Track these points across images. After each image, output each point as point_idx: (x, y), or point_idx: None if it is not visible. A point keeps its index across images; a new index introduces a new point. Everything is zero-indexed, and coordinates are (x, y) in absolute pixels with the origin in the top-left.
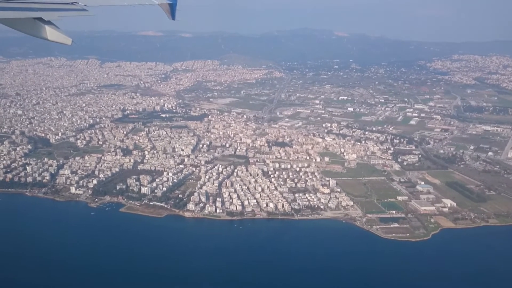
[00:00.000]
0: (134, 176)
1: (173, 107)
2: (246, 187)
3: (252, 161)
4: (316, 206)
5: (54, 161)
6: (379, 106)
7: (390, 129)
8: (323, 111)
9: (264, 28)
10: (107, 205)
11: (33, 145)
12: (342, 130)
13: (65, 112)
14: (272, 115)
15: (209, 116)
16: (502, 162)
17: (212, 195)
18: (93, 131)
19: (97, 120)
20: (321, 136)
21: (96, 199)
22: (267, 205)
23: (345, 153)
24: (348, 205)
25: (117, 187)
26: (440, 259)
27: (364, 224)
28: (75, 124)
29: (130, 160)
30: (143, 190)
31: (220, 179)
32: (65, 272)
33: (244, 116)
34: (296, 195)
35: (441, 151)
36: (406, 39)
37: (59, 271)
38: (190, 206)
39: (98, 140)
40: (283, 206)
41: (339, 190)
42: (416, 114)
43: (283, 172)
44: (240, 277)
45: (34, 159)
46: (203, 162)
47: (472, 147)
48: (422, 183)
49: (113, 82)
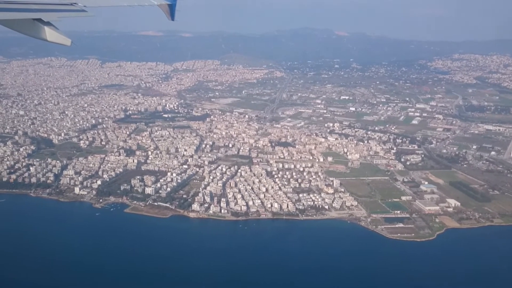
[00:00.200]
0: (138, 177)
1: (175, 107)
2: (250, 187)
3: (256, 161)
4: (321, 206)
5: (58, 162)
6: (381, 106)
7: (392, 129)
8: (325, 111)
9: (264, 28)
10: (112, 206)
11: (36, 146)
12: (345, 130)
13: (67, 113)
14: (274, 115)
15: (211, 116)
16: (505, 162)
17: (217, 196)
18: (96, 132)
19: (100, 121)
20: (324, 136)
21: (101, 200)
22: (272, 206)
23: (348, 153)
24: (353, 205)
25: (121, 188)
26: (447, 259)
27: (369, 224)
28: (78, 125)
29: (134, 161)
30: (148, 191)
31: (224, 180)
32: (72, 273)
33: (246, 116)
34: (301, 195)
35: (444, 151)
36: (406, 39)
37: (66, 272)
38: (195, 207)
39: (101, 141)
40: (288, 207)
41: (343, 190)
42: (418, 114)
43: (287, 172)
44: (247, 278)
45: (38, 160)
46: (207, 163)
47: (475, 147)
48: (426, 183)
49: (114, 82)
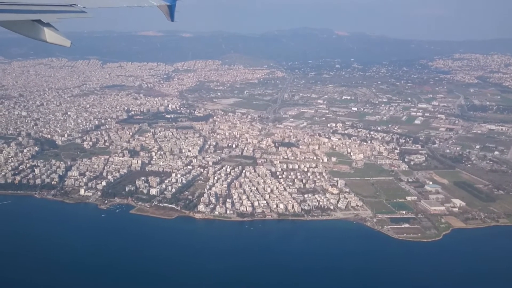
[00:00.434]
0: (143, 178)
1: (177, 108)
2: (255, 188)
3: (260, 162)
4: (326, 207)
5: (62, 163)
6: (383, 106)
7: (395, 129)
8: (327, 111)
9: (264, 28)
10: (117, 207)
11: (40, 147)
12: (347, 130)
13: (70, 113)
14: (277, 115)
15: (214, 117)
16: (509, 161)
17: (222, 196)
18: (99, 133)
19: (102, 121)
20: (327, 136)
21: (106, 201)
22: (277, 206)
23: (352, 153)
24: (358, 206)
25: (126, 189)
26: (454, 260)
27: (375, 225)
28: (81, 126)
29: (138, 162)
30: (153, 192)
31: (229, 180)
32: (80, 274)
33: (249, 117)
34: (306, 196)
35: (447, 151)
36: (406, 38)
37: (74, 273)
38: (200, 208)
39: (105, 142)
40: (293, 207)
41: (348, 191)
42: (420, 114)
43: (291, 173)
44: (254, 279)
45: (42, 161)
46: (211, 163)
47: (478, 147)
48: (431, 183)
49: (116, 83)
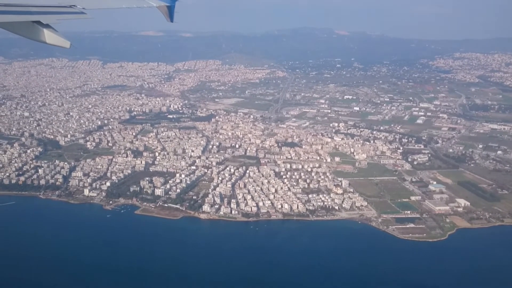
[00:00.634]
0: (147, 178)
1: (179, 108)
2: (260, 188)
3: (263, 162)
4: (331, 207)
5: (66, 164)
6: (385, 105)
7: (398, 128)
8: (329, 111)
9: (265, 27)
10: (122, 207)
11: (43, 147)
12: (350, 130)
13: (72, 114)
14: (279, 115)
15: (216, 117)
16: None
17: (226, 197)
18: (102, 133)
19: (105, 122)
20: (330, 136)
21: (111, 202)
22: (282, 206)
23: (355, 153)
24: (362, 206)
25: (131, 189)
26: (461, 259)
27: (380, 225)
28: (83, 126)
29: (142, 162)
30: (157, 192)
31: (233, 180)
32: (87, 274)
33: (251, 117)
34: (310, 196)
35: (450, 150)
36: (406, 37)
37: (81, 273)
38: (206, 208)
39: (108, 142)
40: (298, 207)
41: (352, 191)
42: (422, 113)
43: (295, 173)
44: (262, 278)
45: (46, 162)
46: (214, 163)
47: (481, 146)
48: (434, 183)
49: (117, 83)
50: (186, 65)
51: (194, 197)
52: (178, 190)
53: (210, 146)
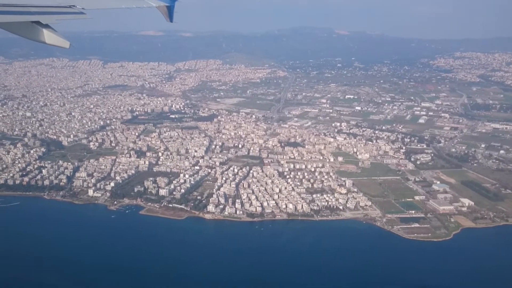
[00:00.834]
0: (151, 178)
1: (181, 108)
2: (264, 188)
3: (267, 162)
4: (335, 207)
5: (69, 164)
6: (386, 105)
7: (400, 128)
8: (331, 110)
9: (265, 27)
10: (127, 208)
11: (46, 148)
12: (352, 130)
13: (74, 114)
14: (281, 115)
15: (219, 117)
16: None
17: (231, 197)
18: (105, 133)
19: (107, 122)
20: (332, 136)
21: (115, 202)
22: (286, 206)
23: (358, 153)
24: (367, 205)
25: (135, 190)
26: (467, 259)
27: (385, 225)
28: (86, 126)
29: (145, 162)
30: (162, 192)
31: (237, 181)
32: (93, 275)
33: (253, 116)
34: (314, 196)
35: (453, 150)
36: (407, 37)
37: (87, 274)
38: (210, 208)
39: (111, 142)
40: (302, 207)
41: (356, 190)
42: (424, 113)
43: (299, 173)
44: (268, 278)
45: (49, 162)
46: (218, 163)
47: (483, 146)
48: (438, 182)
49: (118, 83)
50: (187, 65)
51: (199, 197)
52: (183, 190)
53: (213, 146)
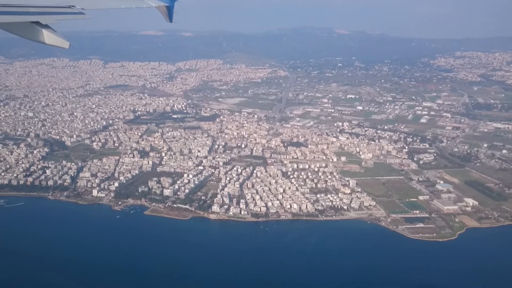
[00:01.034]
0: (155, 178)
1: (183, 108)
2: (268, 188)
3: (270, 162)
4: (339, 207)
5: (73, 164)
6: (388, 105)
7: (402, 128)
8: (333, 110)
9: (265, 27)
10: (131, 208)
11: (49, 148)
12: (354, 129)
13: (76, 114)
14: (283, 115)
15: (221, 117)
16: None
17: (235, 197)
18: (108, 133)
19: (110, 122)
20: (335, 136)
21: (120, 202)
22: (291, 206)
23: (361, 153)
24: (371, 205)
25: (139, 190)
26: (473, 259)
27: (390, 225)
28: (89, 126)
29: (149, 162)
30: (166, 192)
31: (241, 181)
32: (99, 275)
33: (255, 116)
34: (318, 196)
35: (456, 149)
36: (407, 36)
37: (92, 274)
38: (215, 208)
39: (114, 142)
40: (307, 207)
41: (360, 190)
42: (426, 112)
43: (302, 173)
44: (274, 278)
45: (53, 162)
46: (221, 163)
47: (486, 145)
48: (442, 182)
49: (119, 83)
50: (187, 65)
51: (203, 198)
52: (187, 191)
53: (216, 146)
